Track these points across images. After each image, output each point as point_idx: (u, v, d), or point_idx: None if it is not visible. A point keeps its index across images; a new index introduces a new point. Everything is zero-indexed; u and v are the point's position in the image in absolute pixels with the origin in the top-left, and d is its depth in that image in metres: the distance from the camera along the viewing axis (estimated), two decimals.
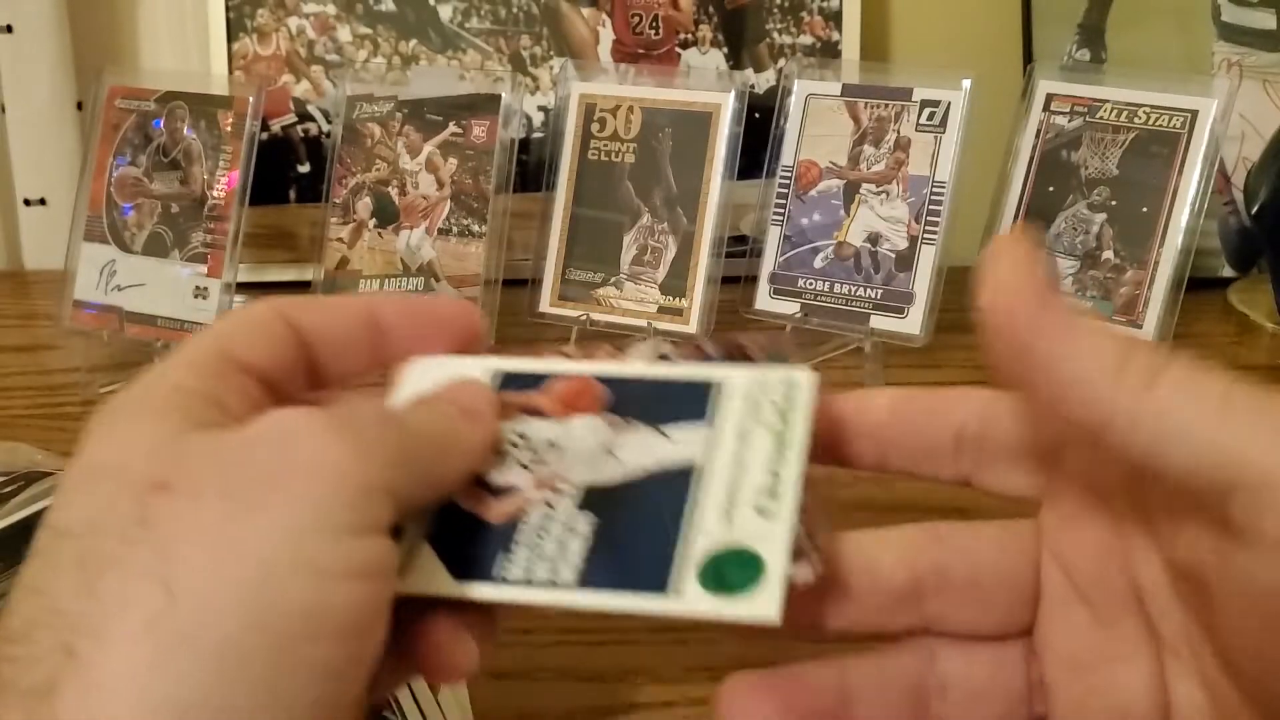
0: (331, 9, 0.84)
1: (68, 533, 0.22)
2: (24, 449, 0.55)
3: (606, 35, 0.86)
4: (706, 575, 0.25)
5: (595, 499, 0.27)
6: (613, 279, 0.73)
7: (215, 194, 0.70)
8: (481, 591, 0.26)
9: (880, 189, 0.71)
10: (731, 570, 0.24)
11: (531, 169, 0.80)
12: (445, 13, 0.85)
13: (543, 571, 0.26)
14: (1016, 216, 0.72)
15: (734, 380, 0.28)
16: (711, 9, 0.86)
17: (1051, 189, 0.71)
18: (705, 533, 0.25)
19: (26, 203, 0.88)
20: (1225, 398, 0.22)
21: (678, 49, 0.86)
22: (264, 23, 0.84)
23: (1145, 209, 0.69)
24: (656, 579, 0.25)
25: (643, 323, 0.71)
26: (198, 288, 0.69)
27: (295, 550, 0.22)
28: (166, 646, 0.20)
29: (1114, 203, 0.70)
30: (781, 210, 0.73)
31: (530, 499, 0.27)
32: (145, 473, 0.22)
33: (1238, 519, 0.22)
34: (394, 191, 0.73)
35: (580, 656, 0.43)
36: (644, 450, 0.28)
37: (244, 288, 0.79)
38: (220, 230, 0.69)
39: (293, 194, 0.86)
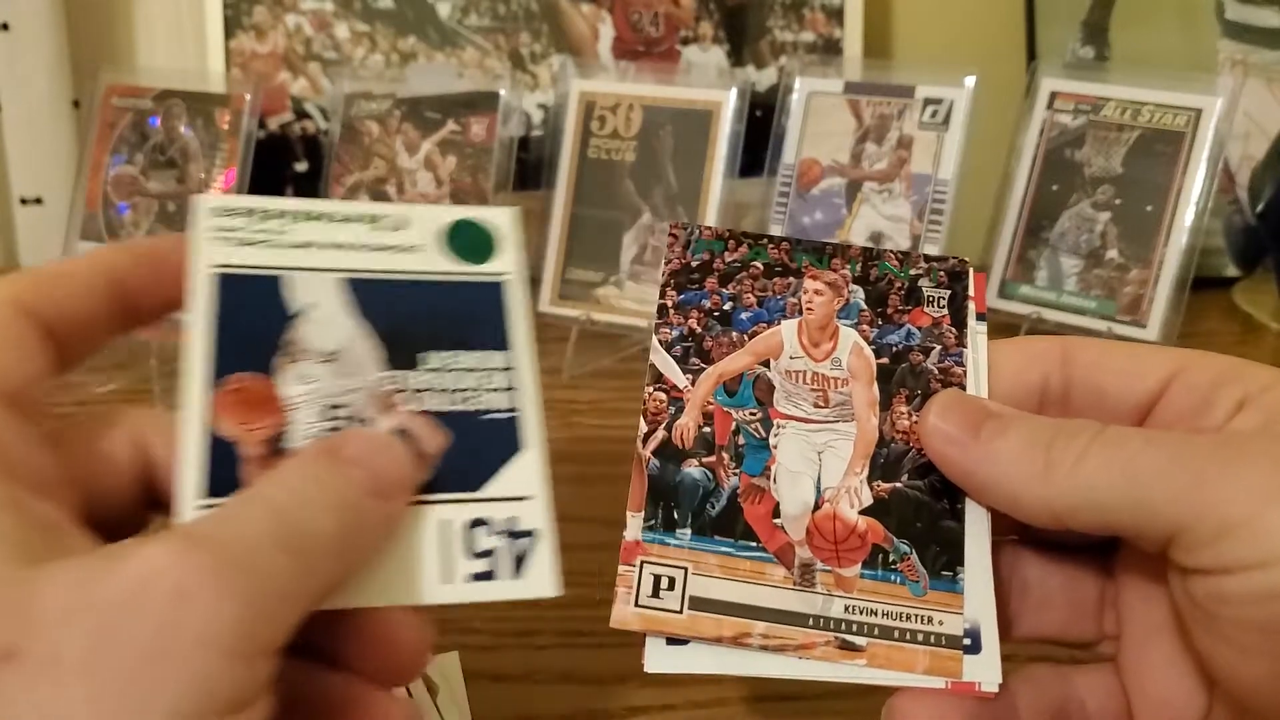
0: (329, 6, 0.84)
1: None
2: None
3: (606, 32, 0.85)
4: None
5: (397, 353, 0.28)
6: (613, 278, 0.72)
7: (212, 192, 0.69)
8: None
9: (883, 187, 0.70)
10: None
11: (531, 167, 0.80)
12: (444, 10, 0.84)
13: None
14: (1020, 215, 0.72)
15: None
16: (712, 6, 0.85)
17: (1055, 187, 0.71)
18: None
19: (22, 201, 0.87)
20: (1132, 460, 0.24)
21: (678, 46, 0.85)
22: (261, 20, 0.84)
23: (1149, 208, 0.69)
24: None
25: (643, 323, 0.70)
26: None
27: None
28: None
29: (1118, 201, 0.69)
30: (783, 209, 0.72)
31: (398, 425, 0.27)
32: None
33: (1181, 562, 0.24)
34: (392, 190, 0.72)
35: (580, 659, 0.43)
36: (331, 320, 0.28)
37: None
38: None
39: (290, 192, 0.85)
